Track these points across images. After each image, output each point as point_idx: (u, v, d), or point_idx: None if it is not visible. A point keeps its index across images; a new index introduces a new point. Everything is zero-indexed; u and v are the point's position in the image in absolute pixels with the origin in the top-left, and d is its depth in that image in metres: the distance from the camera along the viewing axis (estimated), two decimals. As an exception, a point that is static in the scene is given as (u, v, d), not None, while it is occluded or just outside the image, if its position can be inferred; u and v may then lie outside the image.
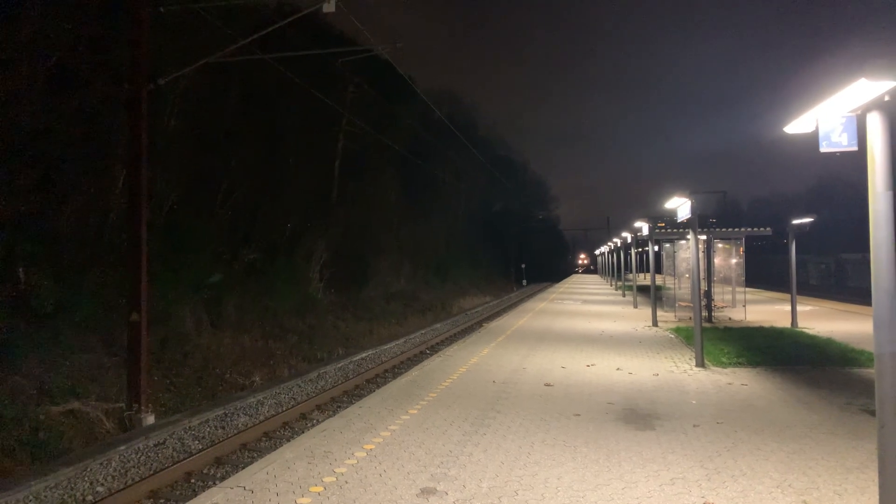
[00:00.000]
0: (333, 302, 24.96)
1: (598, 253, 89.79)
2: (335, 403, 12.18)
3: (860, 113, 4.30)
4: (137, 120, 10.72)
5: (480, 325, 24.83)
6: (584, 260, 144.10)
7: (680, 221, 12.90)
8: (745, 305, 21.46)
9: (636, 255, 37.10)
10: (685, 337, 15.61)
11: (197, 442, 9.54)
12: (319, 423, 9.53)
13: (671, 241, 24.41)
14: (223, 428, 10.31)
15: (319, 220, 25.48)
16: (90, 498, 7.41)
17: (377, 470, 5.86)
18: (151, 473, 7.98)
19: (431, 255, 43.25)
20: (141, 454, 8.76)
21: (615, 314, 23.92)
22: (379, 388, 11.26)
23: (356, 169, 29.82)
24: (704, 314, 19.65)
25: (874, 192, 4.26)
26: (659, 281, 28.37)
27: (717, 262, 22.07)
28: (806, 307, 24.49)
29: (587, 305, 29.10)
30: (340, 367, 16.19)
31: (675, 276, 24.09)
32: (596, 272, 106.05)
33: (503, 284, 62.38)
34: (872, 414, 4.09)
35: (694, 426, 7.40)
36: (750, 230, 21.29)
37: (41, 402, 9.96)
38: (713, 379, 10.34)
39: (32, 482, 7.32)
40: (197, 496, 5.57)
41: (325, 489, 5.37)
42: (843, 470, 5.86)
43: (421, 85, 43.18)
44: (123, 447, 8.74)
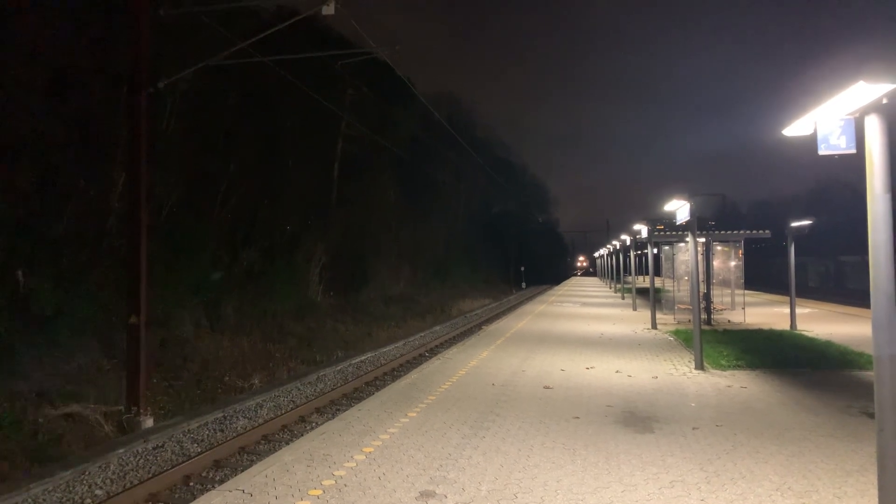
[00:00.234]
0: (332, 304, 24.94)
1: (597, 255, 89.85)
2: (334, 406, 12.16)
3: (858, 116, 4.31)
4: (137, 122, 10.72)
5: (480, 327, 24.82)
6: (583, 262, 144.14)
7: (679, 224, 12.91)
8: (744, 308, 21.46)
9: (635, 257, 37.14)
10: (684, 339, 15.61)
11: (196, 445, 9.53)
12: (318, 426, 9.52)
13: (670, 243, 24.43)
14: (222, 431, 10.29)
15: (318, 222, 25.48)
16: (89, 501, 7.40)
17: (376, 473, 5.85)
18: (150, 477, 7.96)
19: (431, 257, 43.23)
20: (139, 457, 8.75)
21: (614, 317, 23.91)
22: (378, 391, 11.25)
23: (355, 171, 29.83)
24: (703, 317, 19.66)
25: (873, 194, 4.26)
26: (658, 283, 28.37)
27: (716, 264, 22.08)
28: (805, 309, 24.50)
29: (586, 308, 29.09)
30: (339, 369, 16.17)
31: (674, 278, 24.10)
32: (595, 275, 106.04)
33: (502, 287, 62.36)
34: (872, 417, 4.10)
35: (693, 429, 7.40)
36: (749, 233, 21.31)
37: (40, 404, 9.95)
38: (712, 381, 10.33)
39: (31, 485, 7.31)
40: (196, 499, 5.57)
41: (323, 492, 5.37)
42: (842, 473, 5.85)
43: (420, 87, 43.33)
44: (122, 450, 8.73)
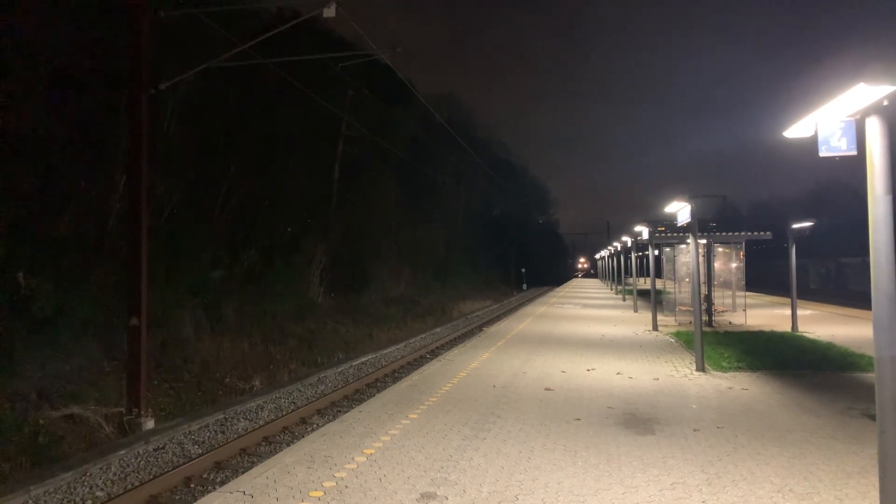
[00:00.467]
0: (333, 306, 24.94)
1: (598, 257, 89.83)
2: (335, 408, 12.16)
3: (859, 117, 4.31)
4: (137, 124, 10.73)
5: (481, 329, 24.81)
6: (584, 264, 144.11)
7: (680, 226, 12.91)
8: (745, 310, 21.44)
9: (636, 259, 37.11)
10: (685, 341, 15.60)
11: (197, 446, 9.53)
12: (319, 427, 9.52)
13: (671, 245, 24.42)
14: (223, 432, 10.29)
15: (319, 224, 25.50)
16: (90, 502, 7.40)
17: (377, 475, 5.85)
18: (151, 478, 7.96)
19: (431, 258, 43.23)
20: (140, 459, 8.75)
21: (615, 318, 23.89)
22: (379, 392, 11.24)
23: (356, 172, 29.85)
24: (705, 318, 19.64)
25: (874, 196, 4.26)
26: (659, 285, 28.36)
27: (717, 266, 22.06)
28: (806, 311, 24.47)
29: (587, 309, 29.08)
30: (340, 371, 16.17)
31: (675, 280, 24.08)
32: (596, 276, 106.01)
33: (503, 288, 62.34)
34: (873, 418, 4.09)
35: (694, 431, 7.39)
36: (750, 234, 21.30)
37: (41, 406, 9.95)
38: (713, 383, 10.32)
39: (32, 487, 7.31)
40: (197, 501, 5.57)
41: (325, 494, 5.36)
42: (843, 475, 5.85)
43: (421, 89, 43.36)
44: (123, 452, 8.73)
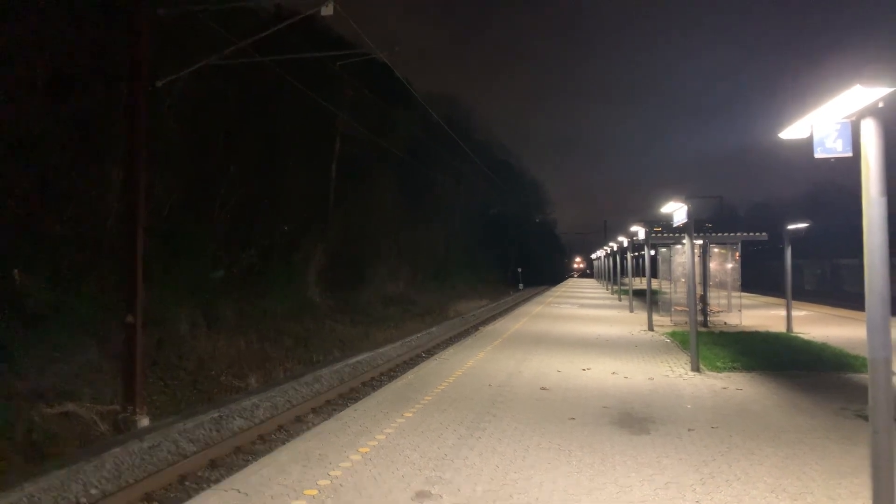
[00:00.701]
0: (330, 305, 24.94)
1: (594, 257, 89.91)
2: (331, 406, 12.16)
3: (854, 119, 4.33)
4: (135, 122, 10.71)
5: (477, 328, 24.82)
6: (580, 264, 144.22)
7: (676, 226, 12.94)
8: (740, 310, 21.50)
9: (633, 259, 37.18)
10: (681, 341, 15.63)
11: (191, 444, 9.52)
12: (315, 426, 9.51)
13: (667, 245, 24.47)
14: (218, 431, 10.28)
15: (317, 223, 25.49)
16: (84, 500, 7.39)
17: (372, 473, 5.86)
18: (146, 476, 7.96)
19: (429, 258, 43.26)
20: (135, 456, 8.73)
21: (611, 318, 23.94)
22: (375, 391, 11.24)
23: (354, 172, 29.85)
24: (700, 319, 19.69)
25: (868, 198, 4.28)
26: (655, 285, 28.40)
27: (712, 266, 22.11)
28: (801, 312, 24.55)
29: (583, 309, 29.12)
30: (336, 370, 16.16)
31: (671, 280, 24.14)
32: (592, 276, 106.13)
33: (500, 288, 62.37)
34: (866, 419, 4.12)
35: (689, 430, 7.41)
36: (746, 235, 21.36)
37: (35, 403, 9.93)
38: (708, 383, 10.35)
39: (25, 484, 7.29)
40: (191, 499, 5.57)
41: (319, 492, 5.37)
42: (836, 475, 5.88)
43: (420, 88, 43.39)
44: (118, 449, 8.71)
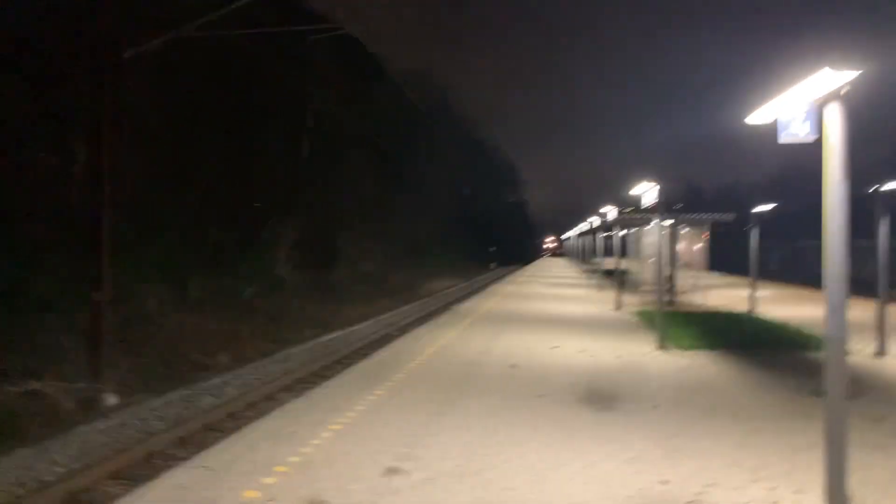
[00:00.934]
0: (301, 283, 24.76)
1: (566, 237, 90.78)
2: (302, 384, 12.14)
3: (819, 104, 4.42)
4: (101, 94, 10.42)
5: (449, 307, 24.95)
6: (553, 243, 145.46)
7: (646, 207, 13.13)
8: (707, 290, 21.98)
9: (603, 239, 37.63)
10: (648, 320, 15.93)
11: (160, 422, 9.44)
12: (286, 403, 9.51)
13: (637, 226, 24.82)
14: (187, 409, 10.21)
15: (288, 200, 25.19)
16: (49, 478, 7.29)
17: (342, 450, 5.90)
18: (113, 454, 7.88)
19: (402, 237, 43.13)
20: (102, 434, 8.64)
21: (581, 297, 24.28)
22: (346, 369, 11.26)
23: (326, 150, 29.50)
24: (667, 298, 20.08)
25: (830, 182, 4.38)
26: (625, 265, 28.83)
27: (681, 247, 22.52)
28: (765, 292, 25.15)
29: (554, 289, 29.45)
30: (307, 348, 16.13)
31: (639, 259, 24.53)
32: (564, 256, 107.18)
33: (473, 267, 62.64)
34: (822, 396, 4.28)
35: (653, 407, 7.60)
36: (713, 216, 21.77)
37: (-2, 382, 9.72)
38: (673, 361, 10.61)
39: (-11, 463, 7.17)
40: (160, 476, 5.55)
41: (289, 469, 5.39)
42: (791, 449, 6.10)
43: (394, 66, 42.71)
44: (84, 427, 8.61)
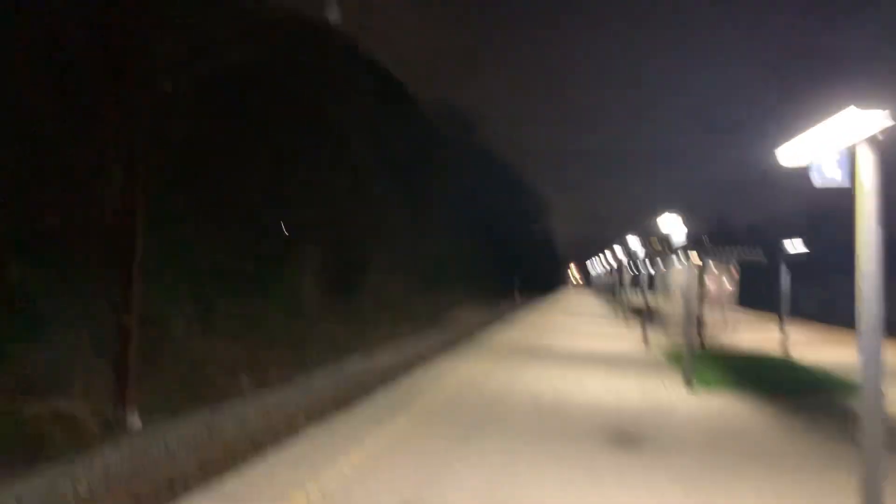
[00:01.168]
0: (326, 309, 24.89)
1: (592, 269, 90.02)
2: (322, 411, 12.11)
3: (851, 148, 4.36)
4: (137, 124, 10.72)
5: (472, 337, 24.80)
6: (577, 275, 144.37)
7: (674, 244, 12.98)
8: (736, 329, 21.52)
9: (630, 273, 37.23)
10: (676, 359, 15.63)
11: (182, 447, 9.47)
12: (306, 430, 9.50)
13: (665, 261, 24.50)
14: (209, 432, 10.24)
15: (313, 228, 25.49)
16: (72, 500, 7.35)
17: (361, 480, 5.85)
18: (134, 476, 7.92)
19: (426, 265, 43.21)
20: (125, 457, 8.70)
21: (606, 332, 23.96)
22: (367, 396, 11.22)
23: (351, 178, 29.88)
24: (696, 337, 19.69)
25: (863, 226, 4.31)
26: (652, 301, 28.43)
27: (709, 284, 22.15)
28: (798, 333, 24.55)
29: (579, 321, 29.14)
30: (330, 373, 16.13)
31: (667, 296, 24.16)
32: (590, 287, 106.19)
33: (497, 297, 62.26)
34: (857, 443, 4.14)
35: (680, 450, 7.41)
36: (743, 253, 21.42)
37: (25, 401, 9.88)
38: (702, 403, 10.35)
39: (13, 481, 7.26)
40: (181, 501, 5.55)
41: (308, 497, 5.36)
42: (822, 496, 5.87)
43: (421, 95, 43.31)
44: (107, 449, 8.68)
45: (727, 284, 22.92)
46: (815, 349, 19.26)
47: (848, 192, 4.56)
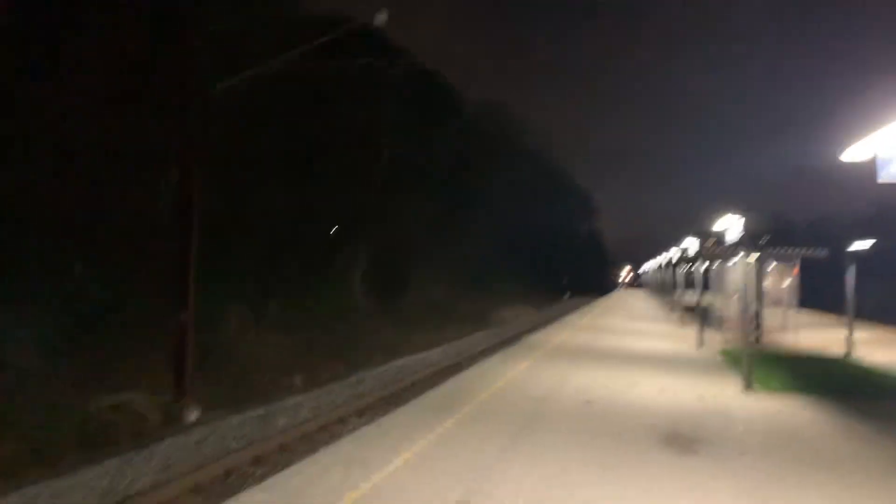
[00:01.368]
0: (373, 309, 25.16)
1: (644, 268, 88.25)
2: (372, 410, 12.23)
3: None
4: (191, 128, 11.06)
5: (520, 337, 24.62)
6: (629, 275, 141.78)
7: (730, 241, 12.58)
8: (796, 329, 20.69)
9: (685, 272, 36.31)
10: (733, 360, 15.15)
11: (237, 440, 9.72)
12: (357, 428, 9.60)
13: (721, 259, 23.77)
14: (263, 428, 10.48)
15: (361, 228, 25.80)
16: (134, 490, 7.63)
17: (413, 480, 5.86)
18: (193, 469, 8.16)
19: (472, 264, 43.16)
20: (183, 449, 8.98)
21: (660, 333, 23.41)
22: (416, 397, 11.26)
23: (397, 179, 30.08)
24: (753, 337, 19.02)
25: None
26: (707, 300, 27.64)
27: (768, 283, 21.35)
28: (863, 334, 23.44)
29: (631, 322, 28.58)
30: (378, 373, 16.28)
31: (723, 295, 23.42)
32: (642, 287, 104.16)
33: (545, 297, 61.71)
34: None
35: (740, 454, 7.16)
36: (804, 251, 20.55)
37: (91, 395, 10.32)
38: (761, 405, 9.99)
39: (80, 471, 7.58)
40: (236, 495, 5.68)
41: (360, 496, 5.40)
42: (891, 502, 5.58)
43: (469, 96, 43.23)
44: (167, 441, 8.98)
45: (787, 283, 22.06)
46: (879, 350, 18.36)
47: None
